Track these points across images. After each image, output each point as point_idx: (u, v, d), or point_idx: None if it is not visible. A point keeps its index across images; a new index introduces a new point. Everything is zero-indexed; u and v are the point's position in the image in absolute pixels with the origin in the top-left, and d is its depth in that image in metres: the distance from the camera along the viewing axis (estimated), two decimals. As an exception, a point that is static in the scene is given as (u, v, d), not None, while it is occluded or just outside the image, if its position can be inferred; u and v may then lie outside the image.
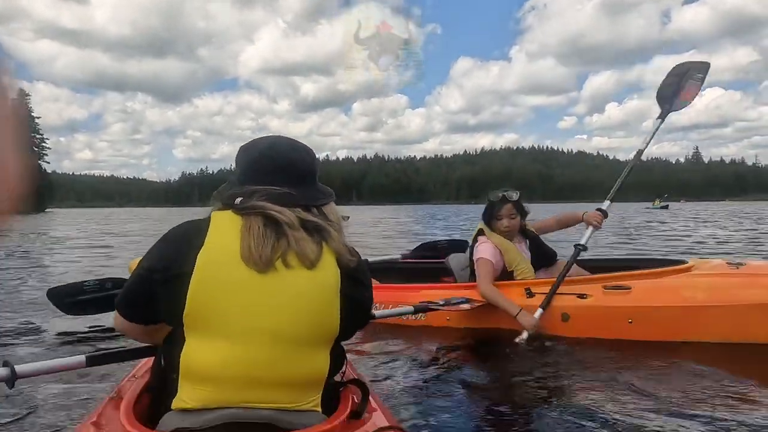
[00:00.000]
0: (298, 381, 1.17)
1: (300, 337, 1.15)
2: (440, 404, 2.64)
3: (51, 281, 7.03)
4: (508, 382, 2.95)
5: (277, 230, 1.17)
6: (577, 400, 2.56)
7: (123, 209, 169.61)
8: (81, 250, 12.85)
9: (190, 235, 1.18)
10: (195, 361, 1.12)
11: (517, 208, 3.75)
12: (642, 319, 3.25)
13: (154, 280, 1.18)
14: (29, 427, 2.31)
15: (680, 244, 11.74)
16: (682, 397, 2.52)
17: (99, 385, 2.74)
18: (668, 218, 27.43)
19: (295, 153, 1.33)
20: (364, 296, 1.30)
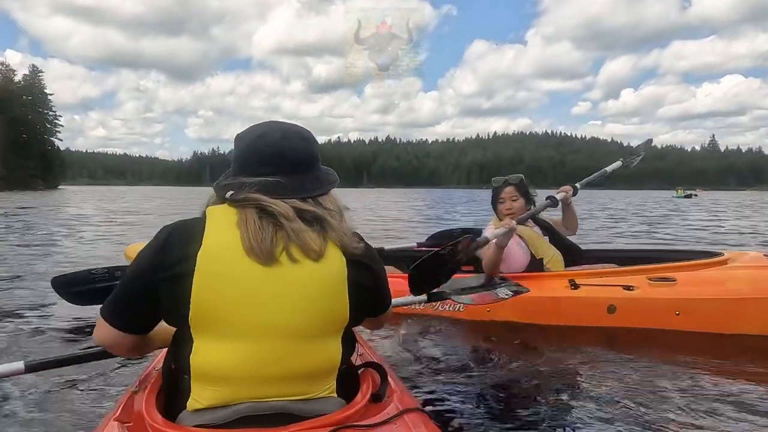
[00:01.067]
0: (311, 372, 1.15)
1: (310, 330, 1.13)
2: (460, 388, 2.62)
3: (57, 261, 7.04)
4: (542, 369, 2.89)
5: (274, 222, 1.13)
6: (615, 391, 2.53)
7: (135, 187, 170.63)
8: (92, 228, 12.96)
9: (187, 233, 1.13)
10: (205, 363, 1.10)
11: (519, 191, 3.76)
12: (688, 311, 3.26)
13: (152, 281, 1.13)
14: (54, 419, 2.29)
15: (718, 237, 11.51)
16: (735, 392, 2.53)
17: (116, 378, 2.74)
18: (695, 208, 26.78)
19: (287, 141, 1.25)
20: (374, 281, 1.25)
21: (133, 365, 2.81)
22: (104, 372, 2.78)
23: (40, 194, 45.45)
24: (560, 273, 3.63)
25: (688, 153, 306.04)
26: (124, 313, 1.21)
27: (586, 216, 18.44)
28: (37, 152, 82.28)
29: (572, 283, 3.46)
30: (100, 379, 2.72)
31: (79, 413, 2.34)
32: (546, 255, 3.73)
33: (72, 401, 2.47)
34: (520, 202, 3.75)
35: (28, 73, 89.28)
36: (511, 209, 3.73)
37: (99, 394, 2.54)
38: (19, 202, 28.36)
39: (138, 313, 1.20)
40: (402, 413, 1.15)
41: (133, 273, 1.17)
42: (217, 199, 1.24)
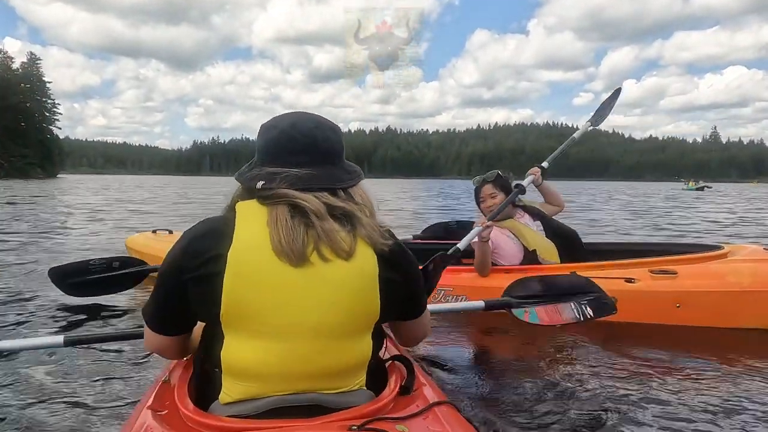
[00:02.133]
0: (341, 368, 1.15)
1: (341, 328, 1.13)
2: (484, 380, 2.67)
3: (54, 251, 7.01)
4: (551, 359, 2.97)
5: (306, 220, 1.11)
6: (627, 385, 2.56)
7: (135, 177, 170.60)
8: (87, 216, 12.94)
9: (217, 231, 1.12)
10: (236, 359, 1.11)
11: (497, 187, 3.81)
12: (689, 304, 3.27)
13: (186, 280, 1.12)
14: (84, 409, 2.31)
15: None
16: (732, 387, 2.56)
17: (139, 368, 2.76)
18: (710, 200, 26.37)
19: (319, 131, 1.23)
20: (405, 278, 1.22)
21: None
22: (131, 359, 2.84)
23: (38, 183, 45.45)
24: (561, 266, 3.63)
25: (689, 145, 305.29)
26: (162, 317, 1.22)
27: (594, 210, 18.39)
28: (36, 140, 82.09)
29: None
30: (127, 365, 2.77)
31: (104, 399, 2.39)
32: (538, 245, 3.75)
33: (102, 390, 2.51)
34: (500, 197, 3.79)
35: (27, 60, 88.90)
36: (492, 206, 3.77)
37: (129, 384, 2.57)
38: (18, 191, 28.33)
39: (173, 314, 1.20)
40: (432, 406, 1.15)
41: (162, 276, 1.17)
42: (243, 192, 1.21)
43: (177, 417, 1.12)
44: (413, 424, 1.07)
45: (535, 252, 3.73)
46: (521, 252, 3.74)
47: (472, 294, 3.58)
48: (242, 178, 1.22)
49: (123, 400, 2.36)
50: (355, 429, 0.98)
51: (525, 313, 2.56)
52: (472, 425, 1.18)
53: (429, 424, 1.10)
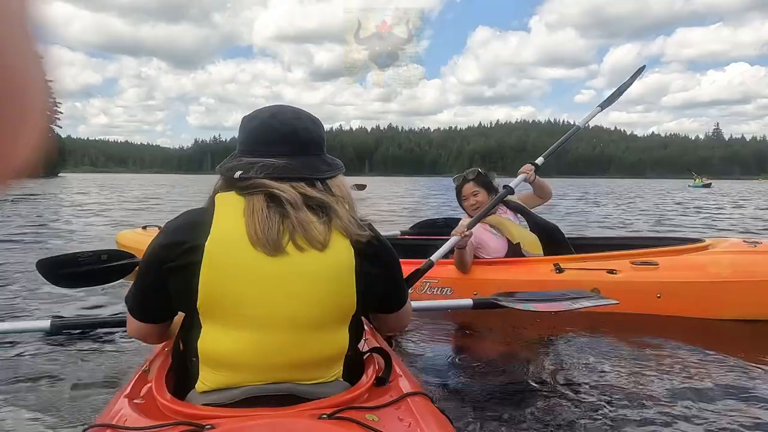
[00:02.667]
0: (317, 360, 1.16)
1: (317, 320, 1.14)
2: (463, 373, 2.69)
3: (48, 248, 7.01)
4: (532, 352, 3.00)
5: (281, 210, 1.12)
6: (604, 375, 2.57)
7: (136, 175, 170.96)
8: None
9: (196, 223, 1.14)
10: (213, 349, 1.12)
11: (478, 185, 3.80)
12: (670, 295, 3.30)
13: (164, 270, 1.14)
14: (65, 395, 2.35)
15: None
16: (712, 376, 2.57)
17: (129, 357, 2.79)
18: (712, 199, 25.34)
19: (299, 122, 1.25)
20: (384, 270, 1.23)
21: (145, 346, 2.89)
22: (116, 348, 2.86)
23: (38, 182, 45.54)
24: (545, 258, 3.66)
25: (692, 141, 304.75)
26: (143, 305, 1.24)
27: (607, 209, 18.34)
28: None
29: (557, 267, 3.51)
30: (113, 357, 2.79)
31: (89, 388, 2.41)
32: (522, 238, 3.76)
33: (84, 376, 2.54)
34: (482, 195, 3.78)
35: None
36: (475, 204, 3.77)
37: (110, 372, 2.60)
38: (17, 190, 28.30)
39: (154, 303, 1.22)
40: (405, 396, 1.16)
41: (144, 265, 1.19)
42: (223, 183, 1.22)
43: (153, 405, 1.13)
44: (384, 414, 1.07)
45: (519, 245, 3.74)
46: (505, 246, 3.76)
47: (457, 286, 3.64)
48: (222, 168, 1.23)
49: (105, 387, 2.39)
50: (325, 417, 1.00)
51: (517, 304, 2.52)
52: (444, 415, 1.18)
53: (400, 414, 1.10)
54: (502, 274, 3.59)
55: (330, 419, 1.00)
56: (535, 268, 3.58)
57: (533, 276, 3.50)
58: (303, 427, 0.96)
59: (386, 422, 1.04)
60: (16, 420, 2.10)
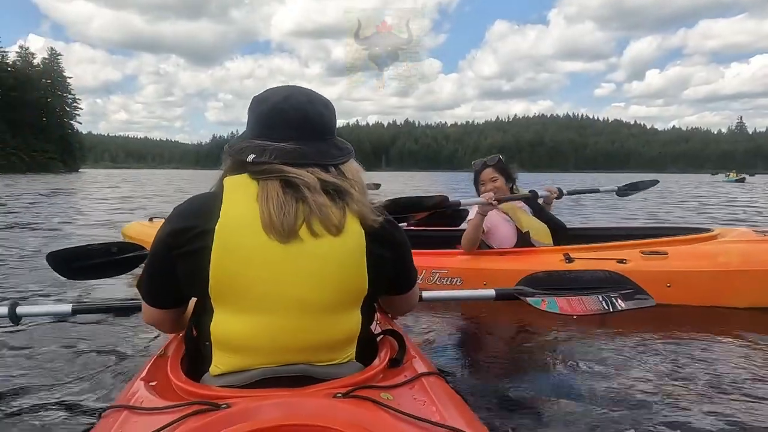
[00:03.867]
0: (330, 343, 1.16)
1: (329, 303, 1.13)
2: (475, 355, 2.74)
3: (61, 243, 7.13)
4: (544, 337, 3.00)
5: (297, 195, 1.11)
6: (614, 363, 2.57)
7: (155, 171, 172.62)
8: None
9: (205, 207, 1.12)
10: (225, 333, 1.12)
11: (498, 171, 3.82)
12: (680, 283, 3.29)
13: (174, 256, 1.13)
14: (83, 378, 2.42)
15: None
16: (722, 365, 2.56)
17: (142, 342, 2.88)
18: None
19: (312, 106, 1.22)
20: (395, 254, 1.23)
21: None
22: (134, 336, 2.94)
23: (59, 177, 46.24)
24: (555, 248, 3.67)
25: (714, 135, 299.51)
26: (155, 291, 1.25)
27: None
28: (57, 136, 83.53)
29: (567, 257, 3.51)
30: (130, 342, 2.87)
31: (106, 372, 2.49)
32: (530, 227, 3.79)
33: (101, 361, 2.62)
34: (501, 181, 3.80)
35: (48, 56, 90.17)
36: (493, 189, 3.78)
37: (127, 356, 2.69)
38: (37, 185, 28.84)
39: (165, 289, 1.22)
40: (420, 376, 1.16)
41: (153, 252, 1.19)
42: (233, 166, 1.20)
43: (169, 387, 1.14)
44: (399, 393, 1.07)
45: (528, 233, 3.76)
46: (515, 234, 3.78)
47: (467, 276, 3.67)
48: (231, 150, 1.21)
49: (122, 371, 2.46)
50: (340, 396, 1.00)
51: (542, 302, 2.26)
52: (459, 395, 1.18)
53: (415, 393, 1.11)
54: (512, 263, 3.59)
55: (345, 398, 1.00)
56: (545, 257, 3.57)
57: (543, 266, 3.37)
58: (318, 405, 0.96)
59: (401, 401, 1.03)
60: (35, 403, 2.16)
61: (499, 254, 3.75)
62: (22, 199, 17.00)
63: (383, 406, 0.98)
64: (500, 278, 3.45)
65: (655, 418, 2.00)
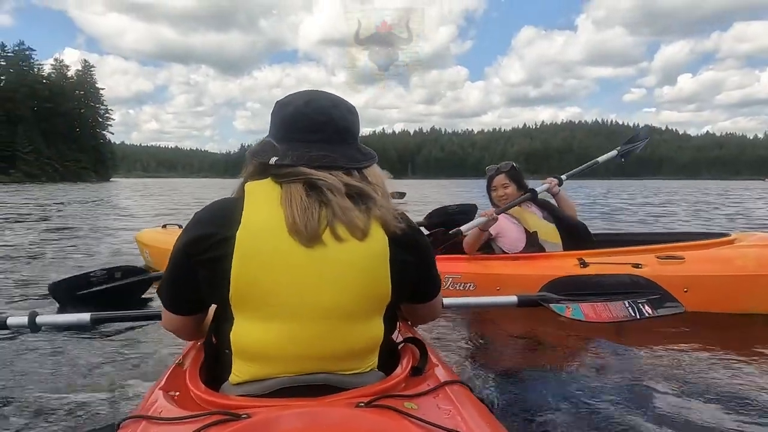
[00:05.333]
0: (353, 350, 1.14)
1: (352, 310, 1.11)
2: (497, 363, 2.70)
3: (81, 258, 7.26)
4: (565, 344, 2.98)
5: (321, 199, 1.09)
6: (635, 374, 2.52)
7: (185, 179, 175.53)
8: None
9: (226, 213, 1.11)
10: (246, 341, 1.10)
11: (510, 178, 3.90)
12: (697, 288, 3.22)
13: (194, 263, 1.12)
14: (101, 387, 2.43)
15: None
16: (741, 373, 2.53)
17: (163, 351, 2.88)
18: None
19: (336, 110, 1.21)
20: (418, 260, 1.21)
21: (179, 339, 3.00)
22: (152, 345, 2.95)
23: (90, 186, 47.37)
24: (569, 253, 3.64)
25: (749, 141, 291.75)
26: (175, 298, 1.24)
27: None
28: (89, 145, 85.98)
29: (581, 262, 3.47)
30: (148, 351, 2.87)
31: (125, 381, 2.49)
32: (538, 227, 3.80)
33: (119, 370, 2.64)
34: (512, 188, 3.88)
35: (81, 68, 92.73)
36: (504, 196, 3.87)
37: (146, 365, 2.69)
38: (69, 194, 29.54)
39: (186, 296, 1.21)
40: (443, 385, 1.14)
41: (173, 258, 1.17)
42: (254, 170, 1.20)
43: (188, 397, 1.13)
44: (423, 402, 1.06)
45: (535, 234, 3.77)
46: (524, 237, 3.78)
47: (480, 281, 3.66)
48: (254, 154, 1.21)
49: (141, 380, 2.46)
50: (363, 405, 0.98)
51: (566, 309, 2.22)
52: (484, 404, 1.16)
53: (439, 402, 1.08)
54: (526, 269, 3.59)
55: (367, 407, 0.98)
56: (559, 262, 3.54)
57: (557, 271, 3.36)
58: (340, 415, 0.94)
59: (425, 410, 1.01)
60: (53, 412, 2.18)
61: (512, 259, 3.74)
62: (46, 207, 17.44)
63: (407, 416, 0.96)
64: (514, 283, 3.49)
65: (679, 428, 1.97)
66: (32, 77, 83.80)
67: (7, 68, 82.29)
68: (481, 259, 3.80)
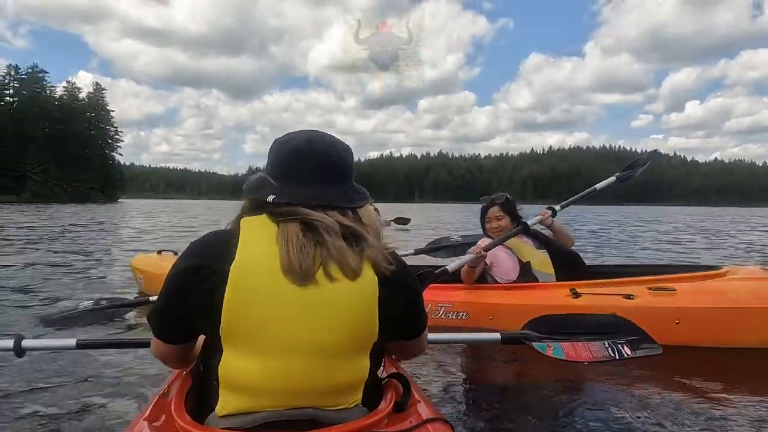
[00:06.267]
0: (338, 387, 1.15)
1: (340, 348, 1.13)
2: (480, 400, 2.69)
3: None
4: (550, 381, 2.93)
5: (317, 239, 1.12)
6: (623, 411, 2.49)
7: (192, 201, 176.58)
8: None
9: (221, 246, 1.12)
10: (234, 373, 1.11)
11: (503, 210, 3.89)
12: (689, 320, 3.21)
13: (186, 292, 1.14)
14: (86, 416, 2.42)
15: None
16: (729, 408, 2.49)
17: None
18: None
19: (333, 149, 1.25)
20: (406, 301, 1.24)
21: (166, 369, 2.96)
22: (139, 373, 2.91)
23: (97, 207, 47.65)
24: (561, 283, 3.63)
25: (759, 168, 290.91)
26: (166, 326, 1.24)
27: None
28: (98, 166, 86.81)
29: (573, 292, 3.46)
30: (134, 380, 2.84)
31: (110, 410, 2.47)
32: (532, 257, 3.80)
33: (105, 398, 2.60)
34: (506, 220, 3.88)
35: (92, 90, 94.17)
36: (498, 227, 3.87)
37: (131, 395, 2.66)
38: (75, 215, 29.67)
39: (176, 324, 1.22)
40: (425, 422, 1.15)
41: (166, 287, 1.19)
42: (250, 205, 1.22)
43: (172, 428, 1.12)
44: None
45: (529, 263, 3.78)
46: (517, 266, 3.80)
47: (472, 311, 3.65)
48: (251, 191, 1.23)
49: (126, 410, 2.44)
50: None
51: (548, 348, 2.24)
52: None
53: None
54: (518, 298, 3.58)
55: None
56: (552, 293, 3.55)
57: (549, 301, 3.45)
58: None
59: None
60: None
61: (505, 289, 3.74)
62: (42, 229, 17.51)
63: None
64: (506, 313, 3.52)
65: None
66: (44, 99, 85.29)
67: (20, 90, 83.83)
68: (474, 289, 3.78)
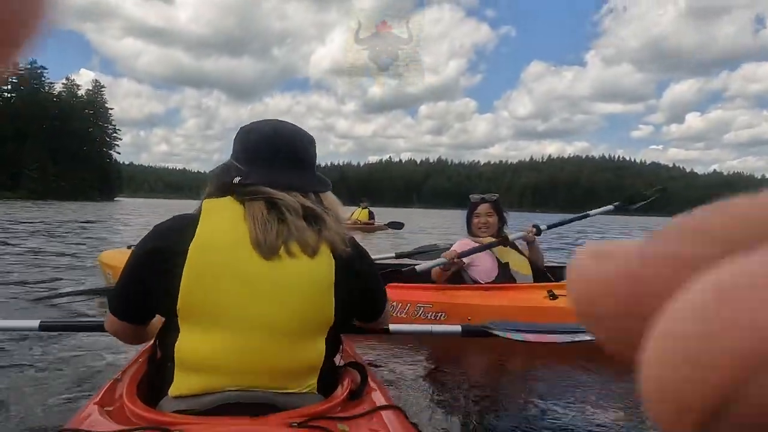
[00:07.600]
0: (293, 369, 1.17)
1: (295, 328, 1.15)
2: (439, 391, 2.72)
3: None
4: (519, 376, 3.04)
5: (279, 216, 1.17)
6: (588, 401, 2.54)
7: (188, 201, 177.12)
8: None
9: (181, 227, 1.16)
10: (189, 352, 1.12)
11: (494, 209, 3.91)
12: None
13: (146, 274, 1.17)
14: (40, 399, 2.39)
15: None
16: None
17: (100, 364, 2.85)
18: None
19: (298, 137, 1.32)
20: (363, 285, 1.27)
21: (123, 353, 2.83)
22: (97, 357, 2.92)
23: (93, 205, 47.61)
24: (539, 285, 3.64)
25: (758, 180, 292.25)
26: (123, 305, 1.27)
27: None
28: (96, 164, 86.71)
29: (551, 294, 3.44)
30: (92, 363, 2.84)
31: (65, 393, 2.46)
32: (510, 259, 3.79)
33: (60, 382, 2.60)
34: (494, 219, 3.89)
35: (91, 88, 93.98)
36: (486, 224, 3.86)
37: (87, 378, 2.65)
38: (68, 212, 29.48)
39: (135, 304, 1.24)
40: (378, 409, 1.17)
41: (126, 268, 1.22)
42: (215, 189, 1.27)
43: (122, 412, 1.12)
44: (356, 424, 1.09)
45: (507, 264, 3.77)
46: (496, 267, 3.76)
47: (450, 311, 3.53)
48: (217, 175, 1.29)
49: (81, 393, 2.42)
50: (296, 426, 1.01)
51: (507, 333, 2.28)
52: (417, 429, 1.18)
53: (372, 425, 1.11)
54: (496, 299, 3.51)
55: (300, 428, 1.01)
56: (529, 294, 3.53)
57: (527, 302, 3.43)
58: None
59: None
60: None
61: (484, 289, 3.67)
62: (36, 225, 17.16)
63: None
64: (484, 313, 3.37)
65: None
66: (42, 95, 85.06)
67: (18, 86, 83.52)
68: (453, 289, 3.72)
